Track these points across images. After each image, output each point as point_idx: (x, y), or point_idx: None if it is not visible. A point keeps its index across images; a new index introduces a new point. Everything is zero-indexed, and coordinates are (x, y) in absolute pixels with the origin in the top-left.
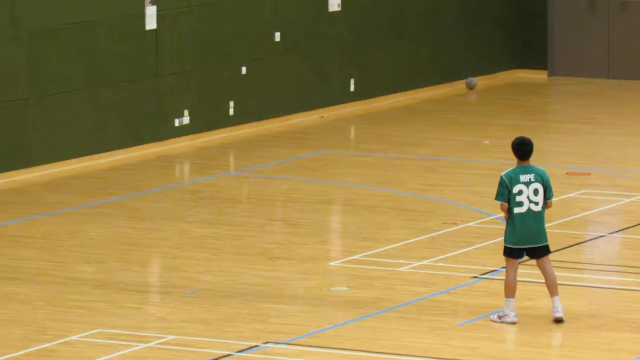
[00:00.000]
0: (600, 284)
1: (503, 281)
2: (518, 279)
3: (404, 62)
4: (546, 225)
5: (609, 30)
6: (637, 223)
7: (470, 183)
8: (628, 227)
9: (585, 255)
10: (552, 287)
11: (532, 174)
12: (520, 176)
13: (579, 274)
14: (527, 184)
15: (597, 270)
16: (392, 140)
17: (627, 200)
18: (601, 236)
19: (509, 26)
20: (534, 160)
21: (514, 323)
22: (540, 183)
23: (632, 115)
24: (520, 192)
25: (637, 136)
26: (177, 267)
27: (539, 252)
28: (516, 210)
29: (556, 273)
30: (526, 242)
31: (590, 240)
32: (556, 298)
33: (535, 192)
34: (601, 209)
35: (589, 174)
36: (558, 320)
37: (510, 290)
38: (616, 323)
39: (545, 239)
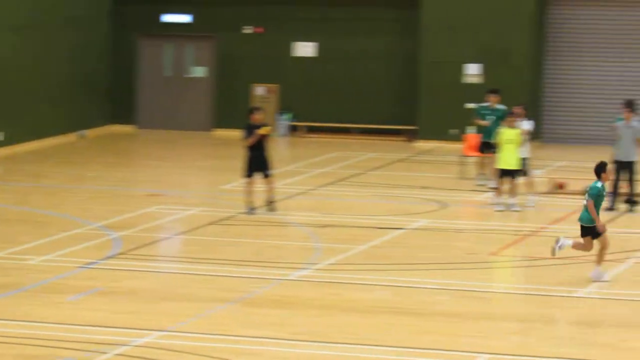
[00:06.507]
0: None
1: None
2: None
3: None
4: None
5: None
6: (194, 227)
7: (82, 202)
8: (190, 230)
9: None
10: None
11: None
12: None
13: (153, 263)
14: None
15: (167, 259)
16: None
17: (190, 212)
18: (168, 237)
19: (112, 96)
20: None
21: None
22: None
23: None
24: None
25: (191, 169)
26: None
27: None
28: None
29: (130, 262)
30: None
31: (165, 240)
32: None
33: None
34: (172, 218)
35: (162, 195)
36: None
37: None
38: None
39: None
